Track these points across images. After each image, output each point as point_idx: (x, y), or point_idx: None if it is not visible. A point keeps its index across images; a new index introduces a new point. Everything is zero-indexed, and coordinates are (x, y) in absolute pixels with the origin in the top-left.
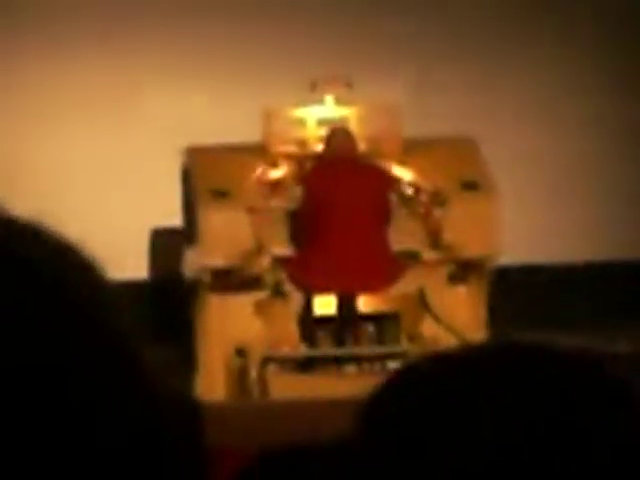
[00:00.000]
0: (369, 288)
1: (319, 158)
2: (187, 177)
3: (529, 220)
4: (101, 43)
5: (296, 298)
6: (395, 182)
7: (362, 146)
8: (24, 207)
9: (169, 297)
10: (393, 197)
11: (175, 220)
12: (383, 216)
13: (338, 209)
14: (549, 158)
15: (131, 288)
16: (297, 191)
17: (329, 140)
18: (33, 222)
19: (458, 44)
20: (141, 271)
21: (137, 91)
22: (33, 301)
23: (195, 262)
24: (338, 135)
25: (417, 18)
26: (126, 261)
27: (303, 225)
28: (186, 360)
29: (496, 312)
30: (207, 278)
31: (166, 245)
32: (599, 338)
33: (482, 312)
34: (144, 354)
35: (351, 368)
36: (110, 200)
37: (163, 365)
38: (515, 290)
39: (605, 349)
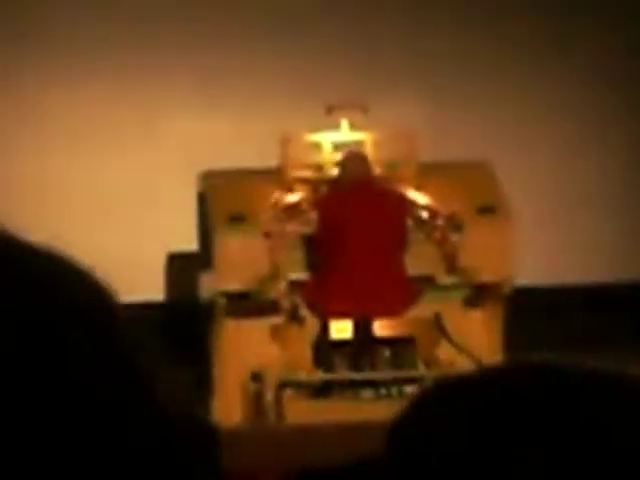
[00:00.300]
0: (385, 313)
1: (334, 182)
2: (203, 201)
3: (546, 241)
4: (120, 64)
5: (312, 323)
6: (411, 206)
7: (378, 171)
8: (40, 227)
9: (185, 321)
10: (409, 221)
11: (191, 244)
12: (399, 241)
13: (354, 234)
14: (565, 179)
15: (147, 311)
16: (313, 216)
17: (344, 164)
18: (47, 246)
19: (475, 68)
20: (157, 295)
21: (155, 115)
22: (43, 318)
23: (211, 286)
24: (353, 159)
25: (433, 43)
26: (142, 285)
27: (319, 250)
28: (202, 384)
29: (513, 334)
30: (223, 302)
31: (182, 269)
32: (618, 360)
33: (498, 336)
34: (155, 375)
35: (367, 393)
36: (127, 223)
37: (179, 388)
38: (532, 312)
39: (622, 370)
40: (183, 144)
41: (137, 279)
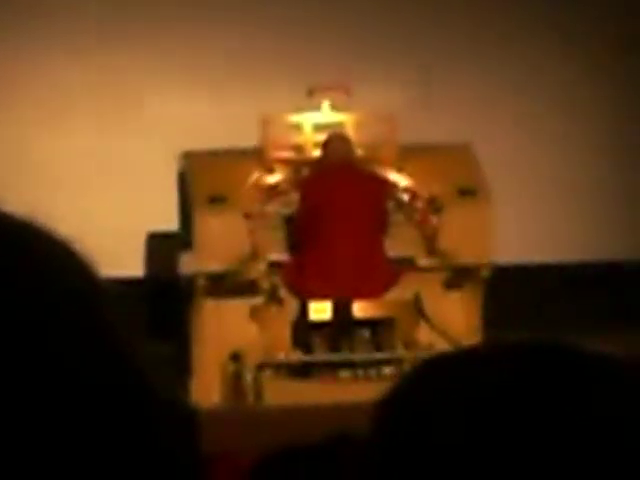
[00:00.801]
0: (365, 294)
1: (316, 163)
2: (184, 181)
3: (524, 222)
4: (102, 43)
5: (291, 304)
6: (391, 188)
7: (358, 152)
8: (21, 203)
9: (164, 301)
10: (390, 203)
11: (172, 224)
12: (380, 223)
13: (334, 215)
14: (545, 161)
15: (126, 287)
16: (293, 196)
17: (326, 146)
18: (27, 218)
19: (455, 51)
20: (137, 272)
21: (136, 93)
22: (22, 289)
23: (191, 266)
24: (335, 141)
25: (415, 25)
26: (121, 263)
27: (300, 231)
28: (181, 364)
29: (491, 315)
30: (203, 283)
31: (162, 249)
32: (595, 341)
33: (477, 318)
34: (140, 351)
35: (346, 373)
36: (106, 201)
37: (158, 368)
38: (509, 292)
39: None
40: (164, 123)
41: (116, 257)
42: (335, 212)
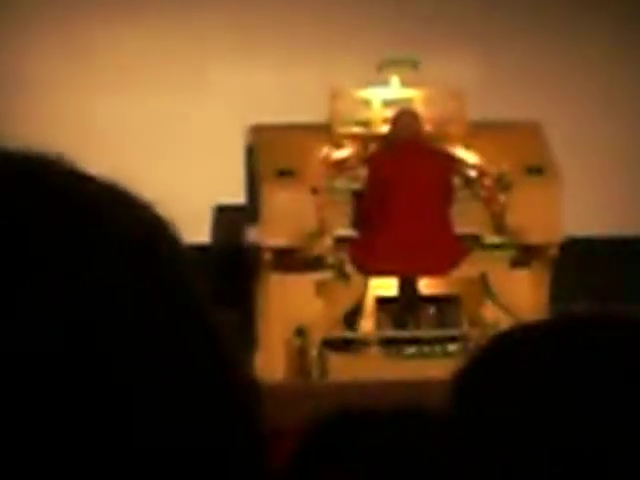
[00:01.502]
0: (431, 271)
1: (385, 139)
2: (251, 155)
3: (593, 197)
4: (171, 12)
5: (358, 280)
6: (459, 165)
7: (427, 128)
8: (86, 165)
9: (230, 275)
10: (457, 180)
11: (239, 197)
12: (446, 199)
13: (402, 191)
14: (611, 140)
15: (195, 255)
16: (361, 172)
17: (395, 122)
18: (110, 181)
19: (525, 27)
20: (203, 241)
21: (204, 64)
22: (116, 257)
23: (257, 240)
24: (405, 117)
25: (486, 2)
26: (188, 234)
27: (367, 206)
28: (246, 338)
29: (558, 291)
30: (269, 257)
31: (229, 222)
32: None
33: (544, 297)
34: (220, 323)
35: (411, 350)
36: (174, 171)
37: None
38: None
39: None
40: (232, 96)
41: (183, 228)
42: (403, 188)
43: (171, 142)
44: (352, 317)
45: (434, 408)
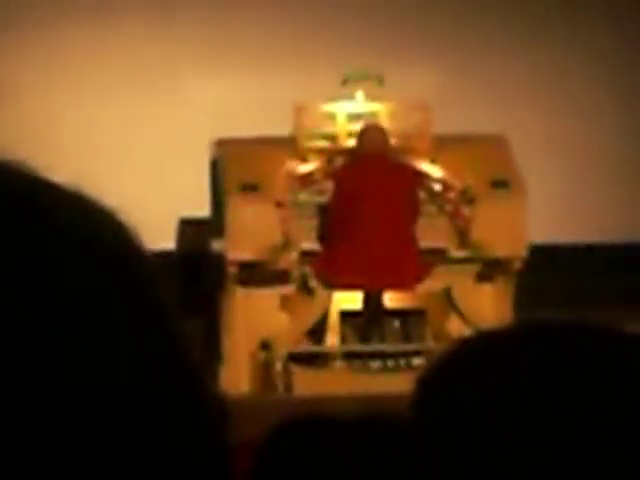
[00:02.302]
0: (396, 286)
1: (351, 153)
2: (216, 169)
3: (554, 204)
4: (147, 21)
5: (322, 294)
6: (424, 179)
7: (392, 142)
8: (51, 170)
9: (195, 288)
10: (422, 194)
11: (203, 211)
12: (412, 214)
13: (367, 205)
14: (578, 149)
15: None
16: (326, 185)
17: (362, 136)
18: (75, 187)
19: (490, 41)
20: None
21: (174, 75)
22: (74, 260)
23: (223, 254)
24: (371, 131)
25: (450, 14)
26: (152, 243)
27: (332, 220)
28: (211, 351)
29: (522, 302)
30: (234, 271)
31: (193, 234)
32: (616, 320)
33: (508, 311)
34: (184, 331)
35: (376, 364)
36: (138, 181)
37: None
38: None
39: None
40: (198, 108)
41: (147, 237)
42: (368, 202)
43: (138, 151)
44: (317, 331)
45: (398, 419)
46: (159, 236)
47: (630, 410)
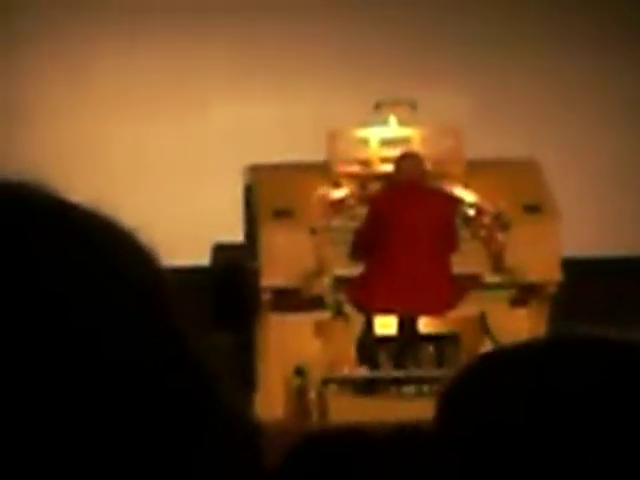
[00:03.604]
0: (430, 312)
1: (387, 180)
2: (250, 195)
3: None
4: (174, 47)
5: (357, 319)
6: (458, 204)
7: (426, 167)
8: (84, 195)
9: (230, 314)
10: (457, 221)
11: (237, 236)
12: (448, 241)
13: (402, 231)
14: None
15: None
16: (360, 211)
17: (399, 164)
18: (92, 207)
19: (521, 67)
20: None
21: (205, 99)
22: (85, 280)
23: (256, 280)
24: (408, 159)
25: (480, 40)
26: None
27: (367, 245)
28: (245, 378)
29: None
30: (268, 297)
31: (228, 260)
32: None
33: (542, 335)
34: (205, 351)
35: (411, 390)
36: (172, 209)
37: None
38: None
39: None
40: (231, 134)
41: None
42: (403, 229)
43: (169, 174)
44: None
45: (423, 433)
46: (193, 260)
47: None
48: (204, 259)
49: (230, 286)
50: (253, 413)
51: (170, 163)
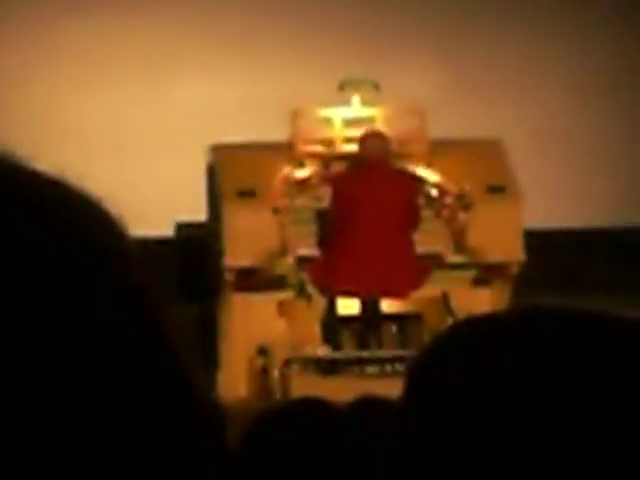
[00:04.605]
0: (393, 293)
1: (351, 159)
2: (213, 174)
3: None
4: (140, 26)
5: (320, 299)
6: (421, 184)
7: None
8: (48, 164)
9: (192, 294)
10: (420, 200)
11: (200, 215)
12: (410, 221)
13: (366, 212)
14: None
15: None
16: (323, 191)
17: (363, 143)
18: (57, 175)
19: (487, 45)
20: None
21: (169, 80)
22: (49, 245)
23: (219, 260)
24: (373, 138)
25: (445, 19)
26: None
27: (329, 227)
28: (208, 357)
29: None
30: (231, 277)
31: (190, 239)
32: (614, 303)
33: None
34: (170, 317)
35: (374, 369)
36: (138, 183)
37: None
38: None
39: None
40: (194, 113)
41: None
42: (365, 210)
43: (131, 152)
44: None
45: (390, 404)
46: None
47: (626, 396)
48: (169, 233)
49: (193, 265)
50: (216, 392)
51: (137, 138)
